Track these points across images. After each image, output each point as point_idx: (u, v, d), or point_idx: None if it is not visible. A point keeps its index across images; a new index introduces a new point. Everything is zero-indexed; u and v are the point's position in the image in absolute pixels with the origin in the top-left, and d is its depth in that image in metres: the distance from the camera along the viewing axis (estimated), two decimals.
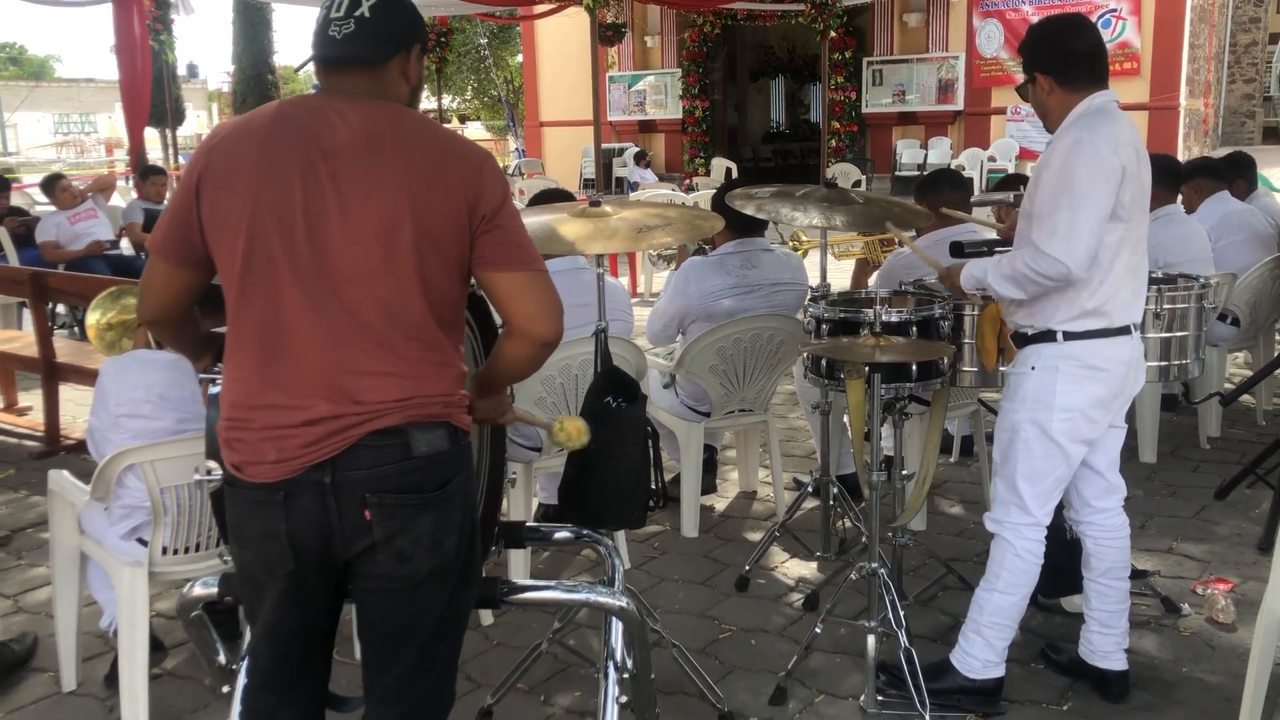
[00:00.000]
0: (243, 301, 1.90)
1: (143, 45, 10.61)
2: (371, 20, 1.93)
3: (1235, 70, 24.51)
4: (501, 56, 30.90)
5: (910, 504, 3.49)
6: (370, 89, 1.96)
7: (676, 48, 20.98)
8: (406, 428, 1.89)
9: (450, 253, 1.92)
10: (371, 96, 1.95)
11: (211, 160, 1.92)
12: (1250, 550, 4.03)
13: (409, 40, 2.00)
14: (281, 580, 1.92)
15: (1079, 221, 2.63)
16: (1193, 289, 3.53)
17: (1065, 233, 2.64)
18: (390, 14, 1.96)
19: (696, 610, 3.69)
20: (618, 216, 2.90)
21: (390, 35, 1.96)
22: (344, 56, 1.94)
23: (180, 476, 2.92)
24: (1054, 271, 2.66)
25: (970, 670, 2.98)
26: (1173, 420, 5.53)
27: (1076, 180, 2.65)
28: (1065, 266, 2.64)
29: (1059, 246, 2.64)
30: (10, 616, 3.77)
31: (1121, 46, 16.48)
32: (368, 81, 1.96)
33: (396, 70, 1.99)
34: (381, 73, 1.97)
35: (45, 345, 5.59)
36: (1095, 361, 2.81)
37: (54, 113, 43.58)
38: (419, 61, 2.04)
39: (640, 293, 10.33)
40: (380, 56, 1.96)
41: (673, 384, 4.42)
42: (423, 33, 2.05)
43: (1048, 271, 2.67)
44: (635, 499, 2.74)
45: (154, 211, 8.97)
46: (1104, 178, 2.66)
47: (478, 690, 3.17)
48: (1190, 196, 5.70)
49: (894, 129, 19.14)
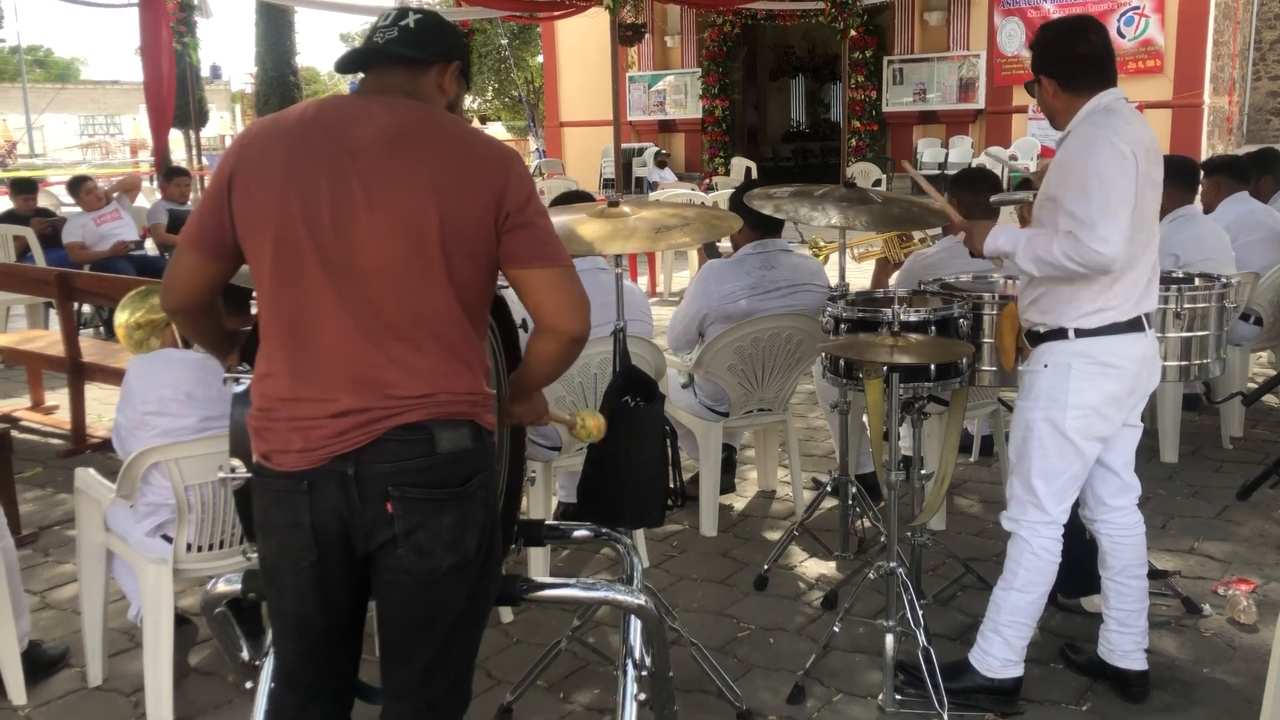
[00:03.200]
0: (272, 297, 1.93)
1: (168, 47, 10.70)
2: (415, 29, 2.02)
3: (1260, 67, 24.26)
4: (522, 57, 30.97)
5: (929, 503, 3.49)
6: (405, 89, 2.00)
7: (696, 47, 20.96)
8: (431, 424, 1.91)
9: (478, 250, 1.94)
10: (406, 96, 1.99)
11: (243, 157, 1.96)
12: (1272, 551, 4.01)
13: (449, 54, 2.06)
14: (305, 572, 1.95)
15: (1113, 213, 2.63)
16: (1213, 288, 3.52)
17: (1106, 224, 2.62)
18: (434, 27, 2.05)
19: (715, 609, 3.71)
20: (636, 216, 2.91)
21: (431, 43, 2.03)
22: (383, 52, 2.01)
23: (205, 474, 2.96)
24: (1095, 263, 2.64)
25: (989, 669, 2.98)
26: (1195, 420, 5.50)
27: (1101, 173, 2.65)
28: (1106, 258, 2.62)
29: (1102, 237, 2.62)
30: (38, 613, 3.82)
31: (1145, 44, 16.37)
32: (404, 80, 2.01)
33: (434, 79, 2.04)
34: (419, 75, 2.02)
35: (71, 345, 5.66)
36: (1108, 358, 2.80)
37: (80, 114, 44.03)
38: (457, 81, 2.09)
39: (659, 292, 10.34)
40: (419, 56, 2.02)
41: (691, 383, 4.43)
42: (466, 56, 2.11)
43: (1089, 262, 2.64)
44: (654, 498, 2.76)
45: (178, 212, 9.05)
46: (1123, 170, 2.66)
47: (497, 687, 3.19)
48: (1209, 193, 5.67)
49: (915, 128, 19.05)
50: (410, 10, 2.08)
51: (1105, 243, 2.61)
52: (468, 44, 17.26)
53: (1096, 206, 2.63)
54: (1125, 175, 2.66)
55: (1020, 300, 2.92)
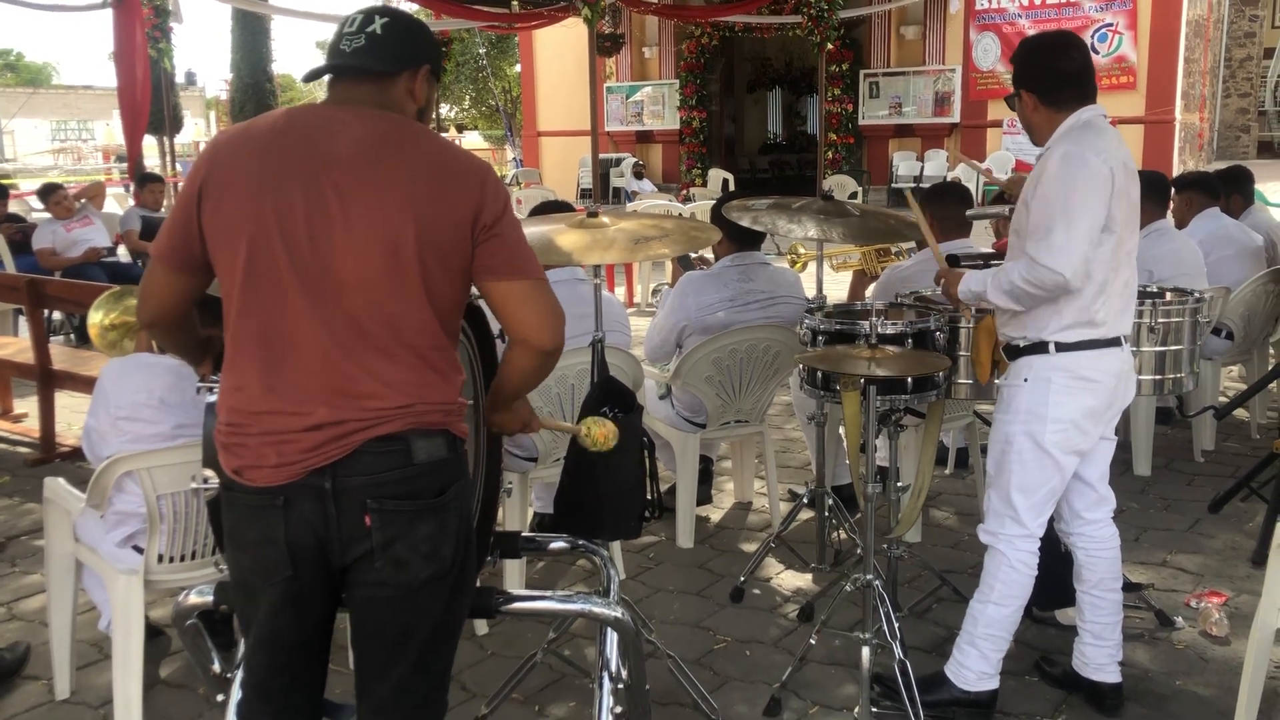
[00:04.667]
0: (244, 309, 1.91)
1: (142, 52, 10.61)
2: (383, 36, 1.98)
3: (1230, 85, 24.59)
4: (500, 66, 30.96)
5: (905, 516, 3.50)
6: (376, 100, 1.98)
7: (674, 59, 21.03)
8: (408, 434, 1.90)
9: (453, 263, 1.94)
10: (377, 108, 1.97)
11: (213, 168, 1.93)
12: (1244, 564, 4.05)
13: (419, 59, 2.03)
14: (278, 587, 1.93)
15: (1074, 233, 2.66)
16: (1187, 303, 3.55)
17: (1061, 244, 2.65)
18: (402, 33, 2.01)
19: (691, 621, 3.70)
20: (615, 227, 2.91)
21: (400, 51, 2.00)
22: (351, 66, 1.98)
23: (177, 484, 2.93)
24: (1050, 282, 2.68)
25: (965, 682, 2.98)
26: (1167, 434, 5.54)
27: (1069, 192, 2.67)
28: (1062, 277, 2.66)
29: (1055, 259, 2.65)
30: (4, 624, 3.76)
31: (1118, 60, 16.56)
32: (374, 93, 1.98)
33: (404, 87, 2.01)
34: (388, 86, 1.99)
35: (41, 352, 5.59)
36: (1087, 373, 2.82)
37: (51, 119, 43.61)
38: (428, 83, 2.06)
39: (637, 303, 10.34)
40: (387, 69, 1.99)
41: (669, 395, 4.43)
42: (435, 56, 2.08)
43: (1044, 282, 2.68)
44: (631, 509, 2.75)
45: (151, 219, 8.97)
46: (1095, 189, 2.68)
47: (472, 700, 3.17)
48: (1181, 209, 5.74)
49: (890, 141, 19.18)
50: (377, 13, 2.02)
51: (1062, 264, 2.64)
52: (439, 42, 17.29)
53: (1058, 226, 2.66)
54: (1098, 193, 2.69)
55: (999, 315, 2.93)
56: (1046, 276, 2.67)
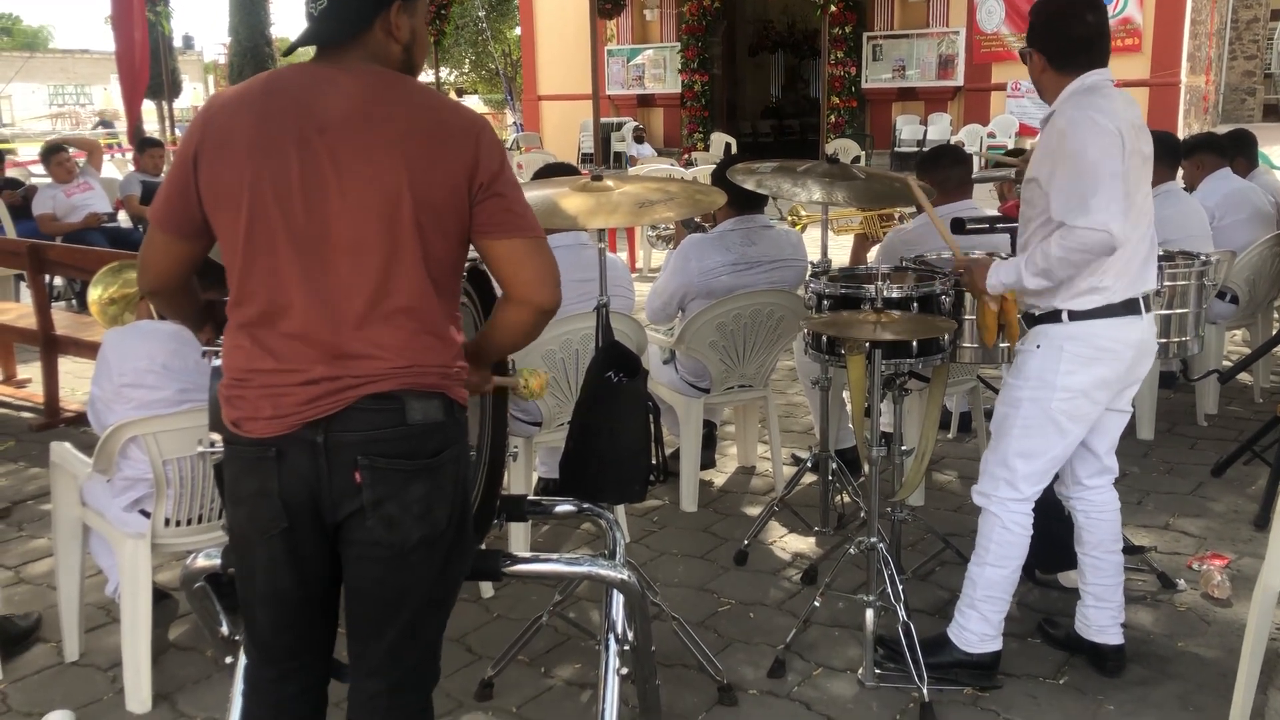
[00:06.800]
0: (246, 272, 1.90)
1: (140, 16, 10.52)
2: None
3: (1236, 47, 24.41)
4: (499, 29, 30.72)
5: (909, 479, 3.51)
6: (359, 55, 1.93)
7: (675, 21, 20.84)
8: (403, 394, 1.89)
9: (449, 223, 1.92)
10: (362, 60, 1.93)
11: (208, 133, 1.91)
12: (1246, 527, 4.06)
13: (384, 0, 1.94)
14: (275, 540, 1.93)
15: (1102, 189, 2.60)
16: (1193, 266, 3.53)
17: (1096, 204, 2.59)
18: None
19: (696, 584, 3.72)
20: (619, 191, 2.89)
21: (362, 3, 1.92)
22: (319, 36, 1.93)
23: (183, 448, 2.93)
24: (1094, 241, 2.60)
25: (967, 644, 3.00)
26: (1170, 397, 5.55)
27: (1086, 152, 2.63)
28: (1106, 232, 2.58)
29: (1093, 218, 2.58)
30: (12, 588, 3.78)
31: (1124, 22, 16.40)
32: (352, 50, 1.94)
33: (380, 32, 1.95)
34: (365, 38, 1.94)
35: (44, 318, 5.59)
36: (1104, 343, 2.79)
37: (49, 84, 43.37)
38: (406, 14, 1.96)
39: (639, 268, 10.31)
40: (354, 29, 1.93)
41: (673, 359, 4.42)
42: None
43: (1089, 244, 2.61)
44: (635, 474, 2.75)
45: (151, 184, 8.94)
46: (1106, 146, 2.64)
47: (478, 662, 3.19)
48: (1192, 172, 5.69)
49: (894, 105, 19.05)
50: None
51: (1101, 221, 2.59)
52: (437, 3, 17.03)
53: (1087, 186, 2.61)
54: (1111, 151, 2.65)
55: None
56: (1090, 237, 2.59)
